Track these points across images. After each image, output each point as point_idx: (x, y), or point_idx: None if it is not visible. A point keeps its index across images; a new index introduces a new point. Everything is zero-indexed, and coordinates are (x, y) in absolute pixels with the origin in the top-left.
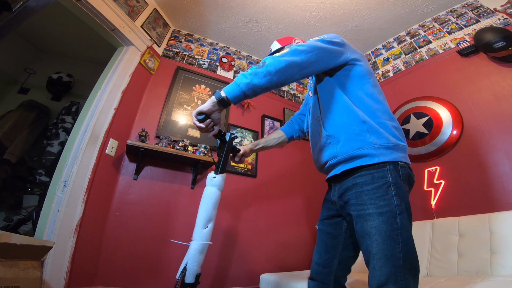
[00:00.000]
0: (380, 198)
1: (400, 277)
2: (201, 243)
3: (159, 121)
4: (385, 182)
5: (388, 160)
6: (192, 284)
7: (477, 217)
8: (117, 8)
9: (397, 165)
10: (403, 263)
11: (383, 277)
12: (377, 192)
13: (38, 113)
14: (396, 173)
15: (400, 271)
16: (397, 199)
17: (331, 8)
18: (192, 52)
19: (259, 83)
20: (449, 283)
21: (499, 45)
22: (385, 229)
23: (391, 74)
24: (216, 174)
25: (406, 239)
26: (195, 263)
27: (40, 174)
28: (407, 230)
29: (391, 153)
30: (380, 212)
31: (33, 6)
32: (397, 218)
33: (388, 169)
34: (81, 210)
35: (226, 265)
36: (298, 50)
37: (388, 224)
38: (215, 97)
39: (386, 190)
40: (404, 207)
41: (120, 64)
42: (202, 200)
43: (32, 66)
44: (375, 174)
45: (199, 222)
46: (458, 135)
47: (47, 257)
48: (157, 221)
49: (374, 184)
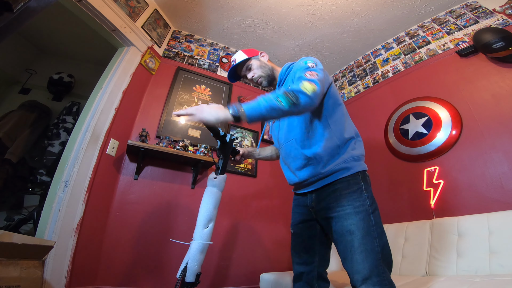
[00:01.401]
0: (355, 200)
1: (381, 269)
2: (202, 242)
3: (160, 121)
4: (359, 187)
5: (359, 170)
6: (192, 283)
7: (476, 217)
8: (117, 8)
9: (365, 172)
10: (381, 256)
11: (366, 270)
12: (353, 195)
13: (39, 113)
14: (365, 180)
15: (380, 264)
16: (369, 200)
17: (331, 9)
18: (193, 53)
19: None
20: (448, 282)
21: (498, 45)
22: (363, 226)
23: (391, 74)
24: (216, 175)
25: (381, 234)
26: (196, 263)
27: (41, 174)
28: (380, 226)
29: (360, 164)
30: (356, 211)
31: (34, 6)
32: (371, 216)
33: (360, 176)
34: (82, 210)
35: (226, 265)
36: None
37: (365, 221)
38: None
39: (360, 194)
40: (375, 207)
41: (121, 65)
42: (203, 200)
43: (33, 67)
44: (350, 181)
45: (200, 222)
46: (457, 135)
47: (48, 257)
48: (158, 220)
49: (350, 189)
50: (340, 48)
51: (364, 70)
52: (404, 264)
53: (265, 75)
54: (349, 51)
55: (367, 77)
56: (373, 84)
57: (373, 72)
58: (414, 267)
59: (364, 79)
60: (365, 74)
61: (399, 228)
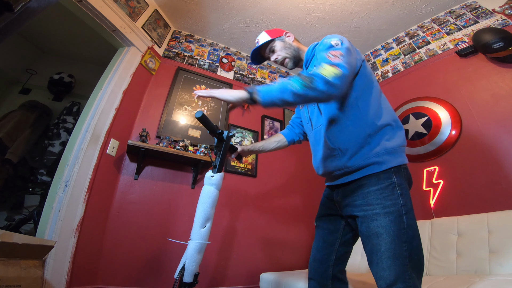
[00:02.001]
0: (386, 198)
1: (408, 276)
2: (199, 242)
3: (160, 121)
4: (391, 183)
5: (394, 166)
6: (190, 283)
7: (476, 217)
8: (118, 9)
9: (400, 166)
10: (409, 261)
11: (392, 276)
12: (384, 192)
13: (40, 113)
14: (399, 174)
15: (407, 270)
16: (403, 199)
17: (330, 9)
18: (193, 53)
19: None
20: (448, 282)
21: (497, 45)
22: (392, 228)
23: (390, 74)
24: (214, 173)
25: (411, 238)
26: (193, 263)
27: (42, 174)
28: (412, 229)
29: (396, 157)
30: (387, 211)
31: (35, 7)
32: (403, 218)
33: (393, 170)
34: (82, 210)
35: (226, 264)
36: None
37: (395, 223)
38: (250, 94)
39: (392, 191)
40: (409, 206)
41: (121, 65)
42: (200, 200)
43: (33, 67)
44: (380, 176)
45: (197, 221)
46: (456, 135)
47: (48, 257)
48: (158, 220)
49: (380, 185)
50: None
51: None
52: None
53: (290, 56)
54: None
55: None
56: None
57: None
58: None
59: None
60: None
61: None
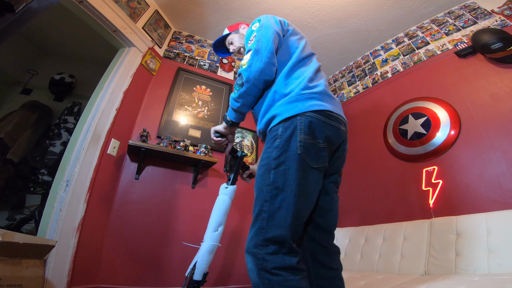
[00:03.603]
0: (264, 152)
1: (260, 242)
2: (212, 244)
3: (160, 121)
4: (274, 135)
5: (290, 115)
6: (199, 281)
7: (475, 217)
8: (118, 9)
9: (295, 117)
10: (266, 227)
11: (248, 244)
12: (266, 145)
13: (41, 114)
14: (288, 125)
15: (259, 239)
16: (276, 151)
17: (330, 10)
18: (193, 53)
19: (249, 101)
20: (447, 281)
21: (496, 46)
22: (258, 183)
23: (390, 75)
24: (228, 185)
25: (275, 197)
26: (204, 262)
27: (43, 173)
28: (279, 188)
29: (294, 107)
30: (260, 165)
31: (36, 7)
32: (270, 173)
33: (283, 124)
34: (83, 209)
35: (231, 263)
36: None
37: (263, 177)
38: (225, 122)
39: (272, 143)
40: (284, 159)
41: (122, 65)
42: (215, 207)
43: (34, 67)
44: (273, 131)
45: (211, 225)
46: (455, 135)
47: (49, 256)
48: (158, 220)
49: (268, 139)
50: (339, 49)
51: (363, 71)
52: (402, 263)
53: (243, 45)
54: (349, 51)
55: (366, 78)
56: (372, 85)
57: (372, 73)
58: (413, 266)
59: (363, 80)
60: (364, 75)
61: (398, 228)
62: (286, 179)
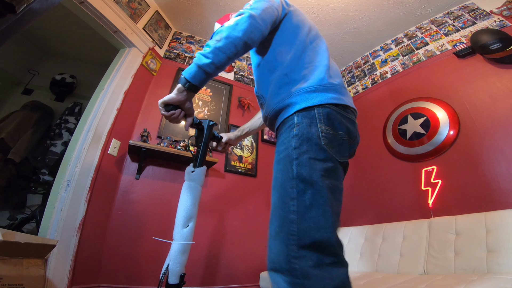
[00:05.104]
0: (281, 143)
1: (293, 255)
2: (182, 243)
3: (161, 121)
4: (290, 124)
5: (309, 105)
6: (176, 285)
7: (474, 216)
8: (119, 10)
9: (312, 108)
10: (297, 230)
11: (275, 258)
12: (281, 137)
13: (42, 114)
14: (306, 114)
15: (292, 249)
16: (296, 140)
17: (330, 10)
18: (193, 54)
19: (220, 60)
20: (446, 281)
21: (495, 46)
22: (279, 180)
23: (389, 75)
24: (194, 168)
25: (303, 191)
26: (178, 264)
27: (44, 173)
28: (307, 181)
29: (314, 97)
30: (278, 159)
31: (37, 8)
32: (293, 165)
33: (299, 113)
34: (84, 209)
35: (227, 263)
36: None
37: (284, 172)
38: (181, 84)
39: (289, 132)
40: (306, 148)
41: (123, 66)
42: (181, 197)
43: (35, 68)
44: (288, 121)
45: (179, 221)
46: (455, 135)
47: (50, 255)
48: (159, 219)
49: (283, 131)
50: (339, 49)
51: (363, 71)
52: (402, 262)
53: None
54: (348, 52)
55: (366, 78)
56: (372, 85)
57: (371, 73)
58: (412, 265)
59: (362, 80)
60: (364, 75)
61: (397, 227)
62: (313, 169)
